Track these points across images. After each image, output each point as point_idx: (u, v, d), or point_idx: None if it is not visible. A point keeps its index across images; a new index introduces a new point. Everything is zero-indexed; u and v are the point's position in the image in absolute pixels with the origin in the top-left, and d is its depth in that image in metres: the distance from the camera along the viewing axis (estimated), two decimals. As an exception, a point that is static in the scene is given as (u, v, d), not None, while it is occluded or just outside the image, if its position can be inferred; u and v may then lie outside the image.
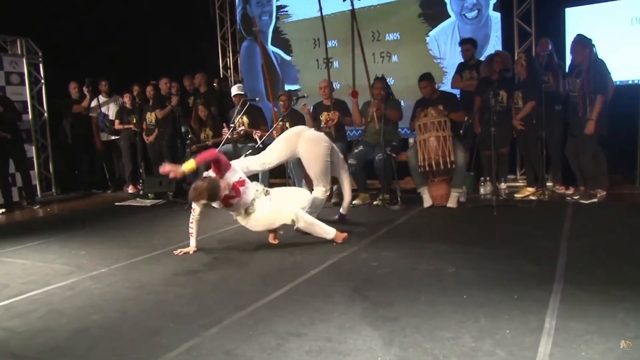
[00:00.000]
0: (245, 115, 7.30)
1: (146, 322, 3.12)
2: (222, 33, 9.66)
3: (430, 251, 4.20)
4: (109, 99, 8.96)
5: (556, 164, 6.35)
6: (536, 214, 5.44)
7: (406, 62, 7.73)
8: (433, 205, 5.96)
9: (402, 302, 3.10)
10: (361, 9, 7.84)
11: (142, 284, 3.85)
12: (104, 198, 8.54)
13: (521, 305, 2.94)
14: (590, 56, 5.61)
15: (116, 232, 5.76)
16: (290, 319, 3.00)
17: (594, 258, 3.77)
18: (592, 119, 5.59)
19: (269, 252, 4.48)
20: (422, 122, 5.94)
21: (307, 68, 8.62)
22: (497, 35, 7.10)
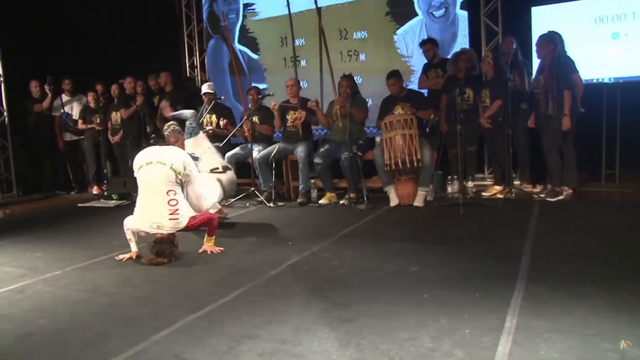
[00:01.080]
0: (214, 114, 7.18)
1: (95, 326, 2.98)
2: (188, 31, 9.47)
3: (394, 250, 4.13)
4: (72, 98, 8.72)
5: (523, 162, 6.33)
6: (503, 212, 5.39)
7: (374, 61, 7.65)
8: (400, 204, 5.89)
9: (361, 303, 3.01)
10: (328, 7, 7.75)
11: (96, 286, 3.70)
12: (67, 199, 8.30)
13: (483, 304, 2.87)
14: (554, 52, 5.60)
15: (76, 233, 5.58)
16: (245, 320, 2.89)
17: (558, 256, 3.73)
18: (566, 114, 5.58)
19: (230, 253, 4.35)
20: (388, 120, 5.87)
21: (274, 67, 8.49)
22: (465, 34, 7.06)
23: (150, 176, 4.21)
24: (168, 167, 4.19)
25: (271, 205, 6.33)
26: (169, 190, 4.16)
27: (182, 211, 4.20)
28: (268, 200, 6.37)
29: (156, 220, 4.14)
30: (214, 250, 4.38)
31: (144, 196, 4.25)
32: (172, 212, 4.14)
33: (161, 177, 4.17)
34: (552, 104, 5.60)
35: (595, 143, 6.52)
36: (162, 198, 4.15)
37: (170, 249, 4.13)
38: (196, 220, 4.27)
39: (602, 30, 6.24)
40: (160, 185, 4.17)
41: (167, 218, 4.13)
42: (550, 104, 5.61)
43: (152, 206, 4.18)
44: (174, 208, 4.15)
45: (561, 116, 5.58)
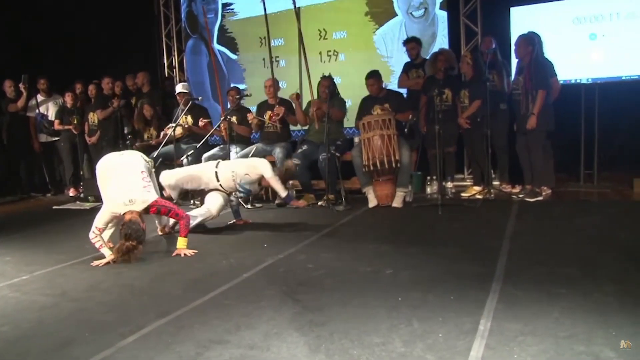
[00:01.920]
0: (190, 115, 7.09)
1: (60, 333, 2.88)
2: (167, 31, 9.36)
3: (370, 252, 4.06)
4: (48, 98, 8.55)
5: (502, 163, 6.32)
6: (481, 213, 5.36)
7: (353, 61, 7.60)
8: (378, 205, 5.84)
9: (334, 306, 2.94)
10: (307, 7, 7.70)
11: (64, 291, 3.60)
12: (42, 202, 8.15)
13: (457, 307, 2.81)
14: (532, 54, 5.59)
15: (48, 236, 5.45)
16: (214, 325, 2.81)
17: (535, 257, 3.69)
18: (533, 113, 5.57)
19: (204, 256, 4.26)
20: (367, 121, 5.81)
21: (253, 67, 8.41)
22: (444, 34, 7.05)
23: (125, 162, 4.46)
24: (139, 155, 4.58)
25: (249, 206, 6.26)
26: (142, 171, 4.38)
27: (152, 188, 4.37)
28: (246, 202, 6.29)
29: (129, 195, 4.20)
30: (187, 253, 4.30)
31: (117, 180, 4.33)
32: (144, 185, 4.29)
33: (136, 161, 4.47)
34: (532, 105, 5.59)
35: (573, 143, 6.52)
36: (136, 176, 4.33)
37: (139, 232, 4.10)
38: (165, 204, 4.37)
39: (580, 31, 6.26)
40: (135, 167, 4.40)
41: (140, 188, 4.25)
42: (531, 105, 5.60)
43: (126, 183, 4.28)
44: (147, 182, 4.33)
45: (540, 116, 5.56)
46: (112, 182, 4.34)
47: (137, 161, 4.46)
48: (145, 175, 4.37)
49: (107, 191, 4.35)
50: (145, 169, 4.43)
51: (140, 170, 4.37)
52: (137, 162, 4.45)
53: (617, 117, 6.47)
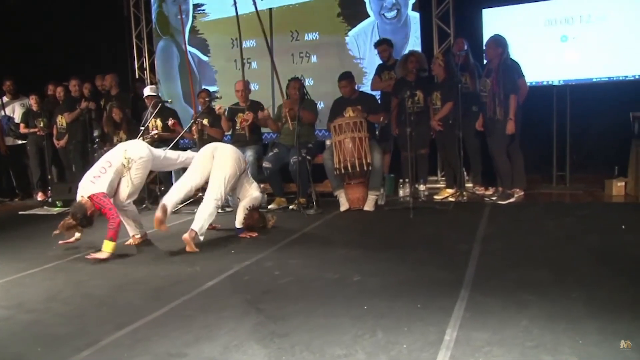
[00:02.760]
0: (159, 118, 6.94)
1: (11, 347, 2.75)
2: (137, 32, 9.18)
3: (338, 258, 3.98)
4: (14, 100, 8.34)
5: (475, 165, 6.28)
6: (453, 216, 5.31)
7: (325, 63, 7.52)
8: (350, 209, 5.76)
9: (298, 316, 2.85)
10: (279, 7, 7.62)
11: (20, 302, 3.45)
12: (9, 207, 7.93)
13: (424, 316, 2.73)
14: (502, 56, 5.56)
15: (10, 243, 5.26)
16: (173, 337, 2.70)
17: (505, 261, 3.64)
18: (511, 118, 5.54)
19: (168, 264, 4.14)
20: (338, 123, 5.73)
21: (224, 69, 8.28)
22: (417, 36, 6.99)
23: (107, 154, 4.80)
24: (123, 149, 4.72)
25: (219, 211, 6.10)
26: (103, 165, 4.60)
27: (99, 182, 4.49)
28: (223, 207, 6.14)
29: (84, 183, 4.54)
30: (99, 257, 4.30)
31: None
32: (92, 178, 4.52)
33: (109, 154, 4.73)
34: (499, 109, 5.55)
35: (546, 145, 6.52)
36: (95, 168, 4.62)
37: (82, 215, 4.39)
38: (100, 201, 4.42)
39: (552, 32, 6.25)
40: (102, 160, 4.70)
41: (89, 180, 4.52)
42: (498, 108, 5.57)
43: (88, 173, 4.62)
44: (96, 175, 4.53)
45: (507, 120, 5.54)
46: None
47: (108, 155, 4.72)
48: (100, 169, 4.57)
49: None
50: (109, 163, 4.60)
51: (101, 165, 4.61)
52: (107, 156, 4.71)
53: (589, 119, 6.48)
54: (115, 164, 4.61)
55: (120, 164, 4.62)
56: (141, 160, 4.68)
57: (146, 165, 4.74)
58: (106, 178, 4.53)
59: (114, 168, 4.59)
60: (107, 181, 4.52)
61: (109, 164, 4.60)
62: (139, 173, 4.70)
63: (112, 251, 4.30)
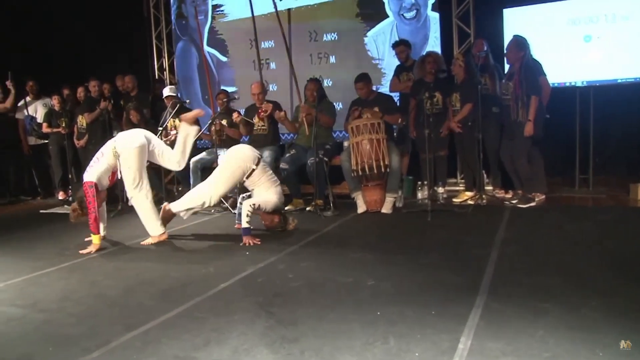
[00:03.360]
0: (178, 119, 6.94)
1: (22, 347, 2.75)
2: (157, 33, 9.22)
3: (352, 261, 3.92)
4: (37, 100, 8.43)
5: (495, 168, 6.17)
6: (471, 219, 5.21)
7: (344, 63, 7.47)
8: (367, 211, 5.69)
9: (308, 320, 2.80)
10: (298, 8, 7.58)
11: (35, 301, 3.46)
12: (31, 205, 8.01)
13: (437, 323, 2.67)
14: (523, 59, 5.45)
15: (29, 242, 5.31)
16: (183, 340, 2.68)
17: (523, 267, 3.55)
18: (530, 119, 5.43)
19: (182, 264, 4.13)
20: (355, 125, 5.67)
21: (243, 69, 8.27)
22: (436, 36, 6.91)
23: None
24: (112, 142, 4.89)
25: (236, 212, 6.10)
26: (101, 154, 4.82)
27: (90, 171, 4.73)
28: (233, 207, 6.14)
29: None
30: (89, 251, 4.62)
31: None
32: (90, 166, 4.79)
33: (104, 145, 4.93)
34: (522, 111, 5.45)
35: (568, 148, 6.39)
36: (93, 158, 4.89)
37: (79, 203, 4.78)
38: (87, 191, 4.67)
39: (575, 32, 6.12)
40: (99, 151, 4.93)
41: (87, 168, 4.81)
42: (521, 111, 5.46)
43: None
44: (92, 164, 4.80)
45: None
46: None
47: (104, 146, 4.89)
48: (94, 159, 4.81)
49: None
50: (101, 153, 4.81)
51: (95, 155, 4.86)
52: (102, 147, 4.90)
53: (613, 120, 6.34)
54: (107, 154, 4.79)
55: (111, 153, 4.77)
56: (128, 149, 4.76)
57: (137, 154, 4.78)
58: (97, 168, 4.74)
59: (105, 158, 4.77)
60: (98, 171, 4.72)
61: (102, 154, 4.81)
62: (128, 162, 4.76)
63: (98, 243, 4.67)
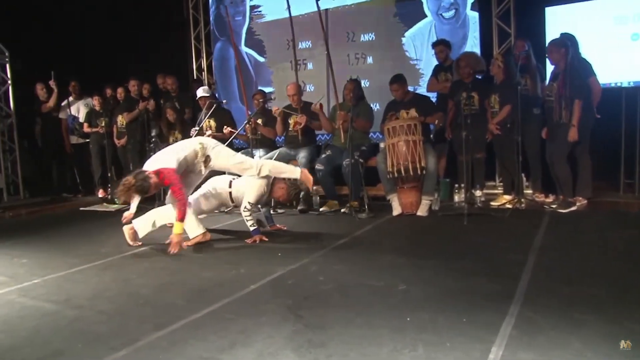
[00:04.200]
0: (213, 119, 7.01)
1: (53, 344, 2.78)
2: (196, 34, 9.31)
3: (384, 264, 3.86)
4: (79, 100, 8.63)
5: (535, 171, 6.01)
6: (509, 224, 5.08)
7: (381, 64, 7.41)
8: (402, 214, 5.62)
9: (337, 324, 2.75)
10: (335, 8, 7.54)
11: (68, 297, 3.51)
12: (72, 203, 8.20)
13: (469, 331, 2.59)
14: (566, 57, 5.28)
15: (68, 239, 5.41)
16: (210, 341, 2.66)
17: (560, 275, 3.43)
18: (574, 124, 5.27)
19: (214, 264, 4.14)
20: (391, 126, 5.60)
21: (280, 70, 8.28)
22: (475, 36, 6.78)
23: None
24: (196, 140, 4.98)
25: (271, 212, 6.10)
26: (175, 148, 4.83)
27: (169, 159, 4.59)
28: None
29: (150, 161, 4.75)
30: (180, 246, 4.44)
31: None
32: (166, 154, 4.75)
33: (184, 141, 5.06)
34: (565, 112, 5.29)
35: (613, 150, 6.17)
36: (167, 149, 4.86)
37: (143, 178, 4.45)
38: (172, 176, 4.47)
39: (621, 31, 5.91)
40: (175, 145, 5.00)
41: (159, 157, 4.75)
42: (564, 112, 5.30)
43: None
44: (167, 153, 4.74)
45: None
46: None
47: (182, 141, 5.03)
48: (171, 150, 4.74)
49: None
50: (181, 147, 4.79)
51: (173, 147, 4.84)
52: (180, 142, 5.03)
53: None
54: (188, 149, 4.73)
55: (193, 150, 4.73)
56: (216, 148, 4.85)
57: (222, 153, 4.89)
58: (176, 157, 4.62)
59: (185, 153, 4.70)
60: (177, 160, 4.60)
61: (182, 147, 4.77)
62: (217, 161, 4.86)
63: (182, 232, 4.47)
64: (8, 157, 8.65)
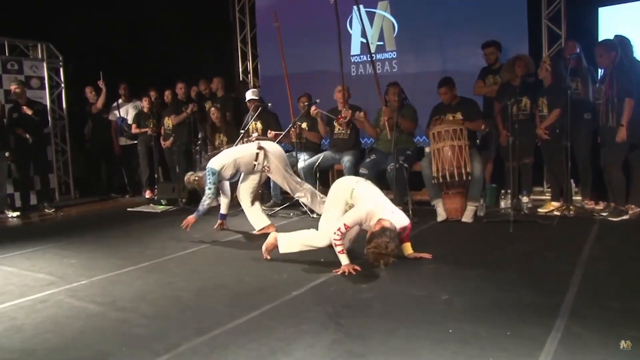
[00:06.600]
0: (259, 121, 7.06)
1: (98, 345, 2.86)
2: (242, 37, 9.40)
3: (427, 273, 3.82)
4: (128, 102, 8.85)
5: (585, 177, 5.83)
6: (556, 232, 4.93)
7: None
8: (447, 220, 5.53)
9: (377, 335, 2.73)
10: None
11: (113, 299, 3.60)
12: (120, 203, 8.41)
13: (512, 345, 2.53)
14: (615, 59, 5.10)
15: (114, 240, 5.55)
16: (249, 349, 2.68)
17: (610, 288, 3.31)
18: (622, 124, 5.08)
19: (256, 269, 4.16)
20: (437, 131, 5.52)
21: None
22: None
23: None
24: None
25: (314, 216, 6.09)
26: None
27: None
28: (312, 211, 6.14)
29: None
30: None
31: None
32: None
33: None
34: (612, 114, 5.11)
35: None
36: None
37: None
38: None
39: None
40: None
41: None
42: (611, 114, 5.12)
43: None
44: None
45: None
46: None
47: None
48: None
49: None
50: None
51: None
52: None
53: None
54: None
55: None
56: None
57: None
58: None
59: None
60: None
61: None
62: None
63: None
64: (60, 157, 8.94)
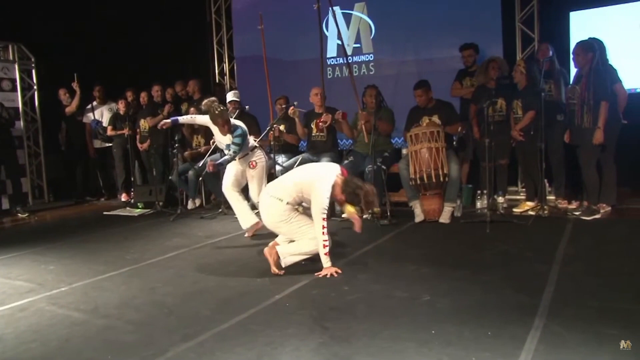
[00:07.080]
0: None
1: (84, 353, 2.86)
2: (218, 38, 9.37)
3: (409, 274, 3.87)
4: (103, 104, 8.73)
5: (559, 177, 5.96)
6: (532, 231, 5.03)
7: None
8: (425, 221, 5.61)
9: (362, 337, 2.78)
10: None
11: (96, 306, 3.59)
12: (95, 206, 8.31)
13: (493, 345, 2.59)
14: (592, 61, 5.23)
15: (93, 245, 5.49)
16: (237, 353, 2.71)
17: (586, 286, 3.40)
18: (599, 127, 5.21)
19: (239, 273, 4.18)
20: (414, 133, 5.59)
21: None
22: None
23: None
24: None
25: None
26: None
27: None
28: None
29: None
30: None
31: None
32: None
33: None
34: (587, 116, 5.24)
35: (638, 156, 6.08)
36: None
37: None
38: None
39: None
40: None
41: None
42: (586, 116, 5.25)
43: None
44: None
45: (595, 129, 5.22)
46: None
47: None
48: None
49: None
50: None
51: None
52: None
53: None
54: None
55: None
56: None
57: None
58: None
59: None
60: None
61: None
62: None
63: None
64: (33, 161, 8.81)
